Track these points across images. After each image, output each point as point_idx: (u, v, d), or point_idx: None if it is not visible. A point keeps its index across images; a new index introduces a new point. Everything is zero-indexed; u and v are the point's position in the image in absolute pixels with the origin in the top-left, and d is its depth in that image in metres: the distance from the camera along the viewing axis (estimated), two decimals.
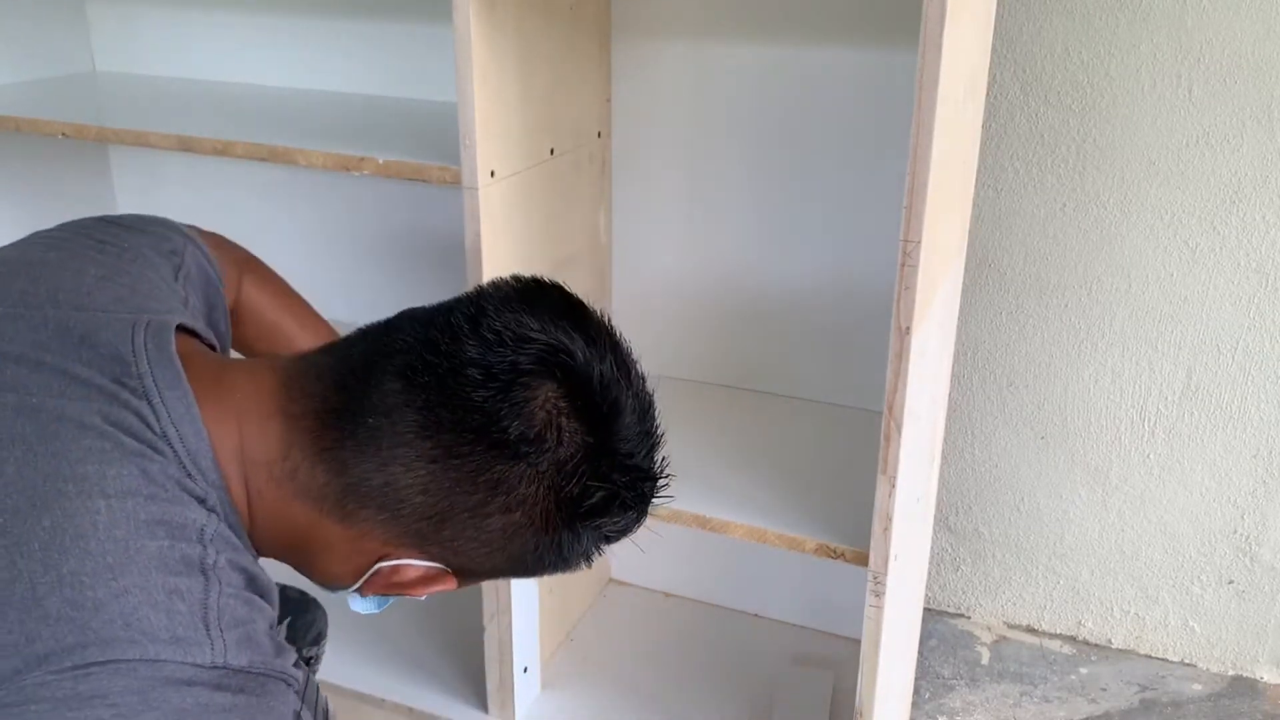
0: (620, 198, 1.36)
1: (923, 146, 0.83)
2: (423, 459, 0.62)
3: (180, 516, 0.60)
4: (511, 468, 0.62)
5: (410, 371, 0.63)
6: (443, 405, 0.62)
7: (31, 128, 1.27)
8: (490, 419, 0.62)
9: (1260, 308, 1.29)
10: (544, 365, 0.63)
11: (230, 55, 1.53)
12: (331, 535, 0.66)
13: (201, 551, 0.60)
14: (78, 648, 0.54)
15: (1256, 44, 1.19)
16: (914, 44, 0.81)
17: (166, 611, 0.57)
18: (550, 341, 0.63)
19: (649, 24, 1.27)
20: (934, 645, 1.51)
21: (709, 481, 1.14)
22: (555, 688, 1.37)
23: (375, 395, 0.63)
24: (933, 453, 1.20)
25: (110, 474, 0.59)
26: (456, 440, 0.62)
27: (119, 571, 0.56)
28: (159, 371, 0.63)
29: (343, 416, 0.64)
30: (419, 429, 0.62)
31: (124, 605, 0.56)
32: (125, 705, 0.54)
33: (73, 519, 0.57)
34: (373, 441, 0.63)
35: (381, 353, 0.65)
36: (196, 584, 0.59)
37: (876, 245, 1.24)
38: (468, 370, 0.62)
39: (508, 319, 0.64)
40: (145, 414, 0.61)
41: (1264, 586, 1.40)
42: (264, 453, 0.64)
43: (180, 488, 0.61)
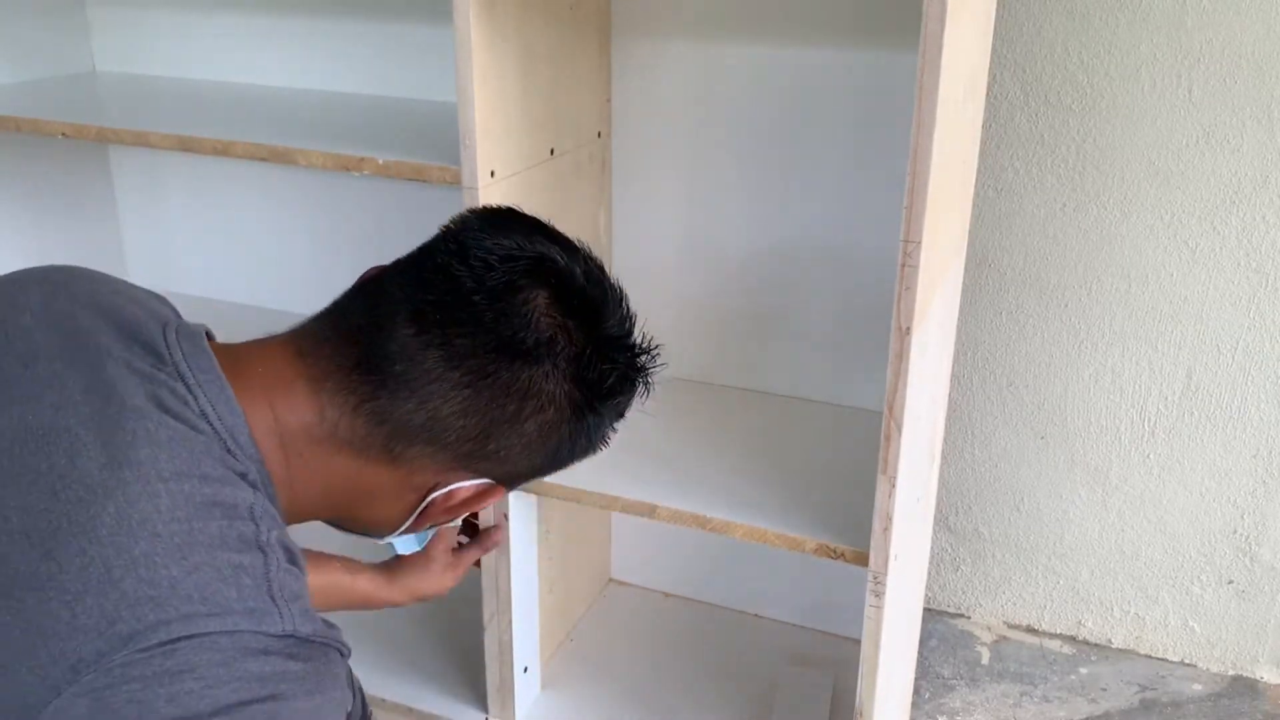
0: (620, 198, 1.36)
1: (923, 146, 0.83)
2: (457, 387, 0.68)
3: (231, 496, 0.63)
4: (536, 371, 0.69)
5: (418, 316, 0.69)
6: (459, 336, 0.68)
7: (31, 128, 1.27)
8: (505, 334, 0.68)
9: (1260, 308, 1.29)
10: (534, 276, 0.69)
11: (230, 55, 1.53)
12: (381, 480, 0.71)
13: (254, 529, 0.63)
14: (161, 625, 0.56)
15: (1256, 44, 1.19)
16: (914, 44, 0.81)
17: (236, 586, 0.60)
18: (534, 254, 0.70)
19: (649, 24, 1.27)
20: (934, 645, 1.51)
21: (709, 481, 1.14)
22: (555, 688, 1.37)
23: (393, 345, 0.68)
24: (933, 453, 1.20)
25: (163, 457, 0.62)
26: (481, 362, 0.68)
27: (187, 551, 0.59)
28: (192, 360, 0.67)
29: (367, 370, 0.69)
30: (445, 362, 0.68)
31: (198, 581, 0.58)
32: (212, 676, 0.56)
33: (135, 504, 0.59)
34: (405, 386, 0.68)
35: (382, 309, 0.70)
36: (257, 560, 0.62)
37: (877, 245, 1.24)
38: (471, 299, 0.68)
39: (489, 245, 0.70)
40: (184, 396, 0.65)
41: (1264, 586, 1.40)
42: (299, 418, 0.69)
43: (225, 466, 0.64)
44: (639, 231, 1.37)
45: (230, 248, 1.65)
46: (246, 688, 0.57)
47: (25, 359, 0.66)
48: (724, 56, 1.25)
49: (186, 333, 0.70)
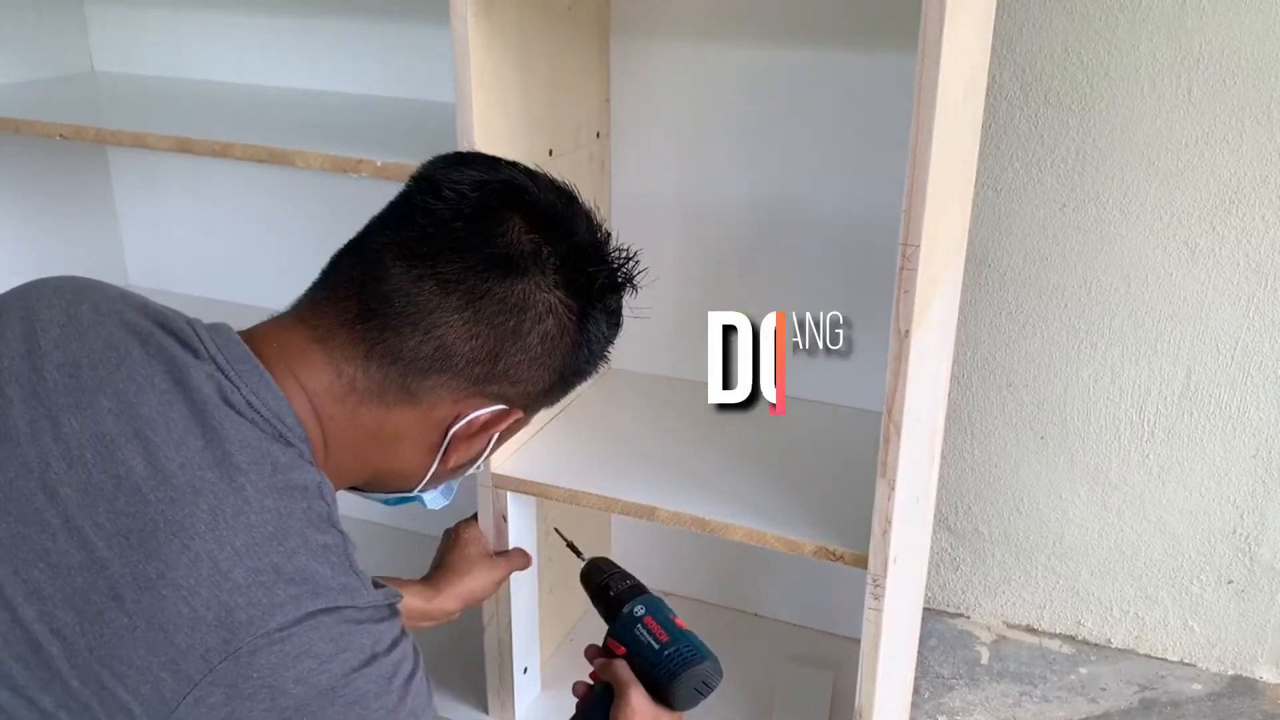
0: (619, 198, 1.36)
1: (922, 147, 0.83)
2: (456, 311, 0.71)
3: (303, 478, 0.67)
4: (527, 282, 0.72)
5: (405, 253, 0.72)
6: (447, 263, 0.71)
7: (30, 129, 1.26)
8: (489, 252, 0.71)
9: (1259, 307, 1.29)
10: (506, 198, 0.73)
11: (230, 55, 1.53)
12: (404, 421, 0.74)
13: (327, 508, 0.68)
14: (275, 608, 0.60)
15: (1256, 44, 1.19)
16: (913, 44, 0.81)
17: (328, 564, 0.64)
18: (502, 179, 0.74)
19: (649, 24, 1.27)
20: (934, 645, 1.51)
21: (709, 483, 1.14)
22: (555, 688, 1.37)
23: (388, 285, 0.71)
24: (932, 453, 1.20)
25: (236, 451, 0.65)
26: (474, 283, 0.71)
27: (282, 536, 0.63)
28: (226, 351, 0.70)
29: (369, 316, 0.71)
30: (440, 291, 0.71)
31: (297, 565, 0.62)
32: (324, 653, 0.61)
33: (226, 499, 0.63)
34: (407, 321, 0.71)
35: (369, 258, 0.73)
36: (336, 538, 0.67)
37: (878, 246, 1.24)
38: (452, 226, 0.71)
39: (458, 177, 0.73)
40: (228, 387, 0.68)
41: (1263, 586, 1.40)
42: (320, 382, 0.71)
43: (287, 449, 0.68)
44: (638, 232, 1.36)
45: (229, 248, 1.65)
46: (353, 656, 0.62)
47: (68, 369, 0.67)
48: (723, 57, 1.25)
49: (212, 326, 0.72)
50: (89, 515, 0.61)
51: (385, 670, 0.64)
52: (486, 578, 1.10)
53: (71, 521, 0.61)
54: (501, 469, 1.16)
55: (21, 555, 0.61)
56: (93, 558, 0.60)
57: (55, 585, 0.60)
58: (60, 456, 0.63)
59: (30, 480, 0.63)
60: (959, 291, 1.21)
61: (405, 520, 1.65)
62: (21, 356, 0.67)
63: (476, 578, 1.08)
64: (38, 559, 0.61)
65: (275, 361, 0.71)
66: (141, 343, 0.69)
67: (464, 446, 0.77)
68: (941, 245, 0.97)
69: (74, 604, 0.60)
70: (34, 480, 0.63)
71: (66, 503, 0.62)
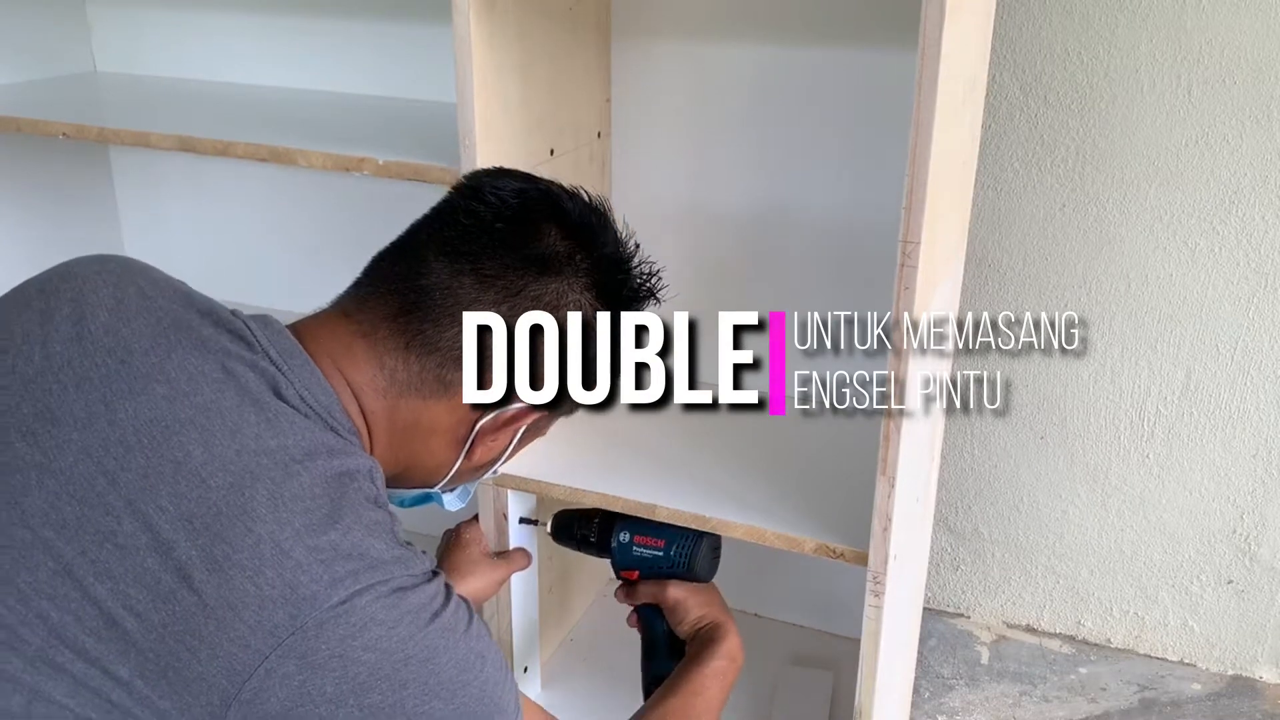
0: (620, 198, 1.36)
1: (922, 146, 0.83)
2: (492, 305, 0.74)
3: (355, 464, 0.70)
4: (560, 283, 0.76)
5: (447, 249, 0.75)
6: (487, 258, 0.75)
7: (32, 128, 1.27)
8: (527, 252, 0.75)
9: (1260, 308, 1.29)
10: (543, 207, 0.77)
11: (230, 55, 1.53)
12: (437, 414, 0.77)
13: (375, 491, 0.71)
14: (336, 582, 0.64)
15: (1256, 44, 1.19)
16: (914, 44, 0.81)
17: (383, 540, 0.67)
18: (541, 189, 0.79)
19: (649, 24, 1.27)
20: (934, 645, 1.51)
21: (709, 481, 1.14)
22: (555, 688, 1.37)
23: (429, 279, 0.75)
24: (933, 453, 1.20)
25: (290, 443, 0.68)
26: (510, 279, 0.74)
27: (337, 516, 0.66)
28: (277, 343, 0.72)
29: (411, 310, 0.75)
30: (478, 284, 0.74)
31: (352, 541, 0.66)
32: (388, 619, 0.65)
33: (281, 485, 0.65)
34: (445, 312, 0.74)
35: (413, 252, 0.77)
36: (386, 517, 0.70)
37: (878, 246, 1.24)
38: (494, 226, 0.75)
39: (499, 184, 0.78)
40: (280, 380, 0.71)
41: (1263, 586, 1.40)
42: (364, 375, 0.75)
43: (338, 438, 0.71)
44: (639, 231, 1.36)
45: (230, 247, 1.65)
46: (416, 618, 0.66)
47: (120, 354, 0.69)
48: (724, 56, 1.25)
49: (259, 318, 0.74)
50: (151, 499, 0.64)
51: (447, 624, 0.68)
52: (488, 578, 1.10)
53: (134, 505, 0.64)
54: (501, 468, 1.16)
55: (88, 536, 0.63)
56: (158, 540, 0.63)
57: (124, 566, 0.62)
58: (117, 442, 0.65)
59: (90, 465, 0.65)
60: (959, 291, 1.21)
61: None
62: (72, 340, 0.69)
63: (478, 578, 1.09)
64: (104, 540, 0.63)
65: (321, 356, 0.74)
66: (191, 331, 0.71)
67: (489, 441, 0.80)
68: (941, 244, 0.98)
69: (145, 583, 0.62)
70: (93, 465, 0.65)
71: (128, 487, 0.64)
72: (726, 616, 1.08)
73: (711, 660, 1.04)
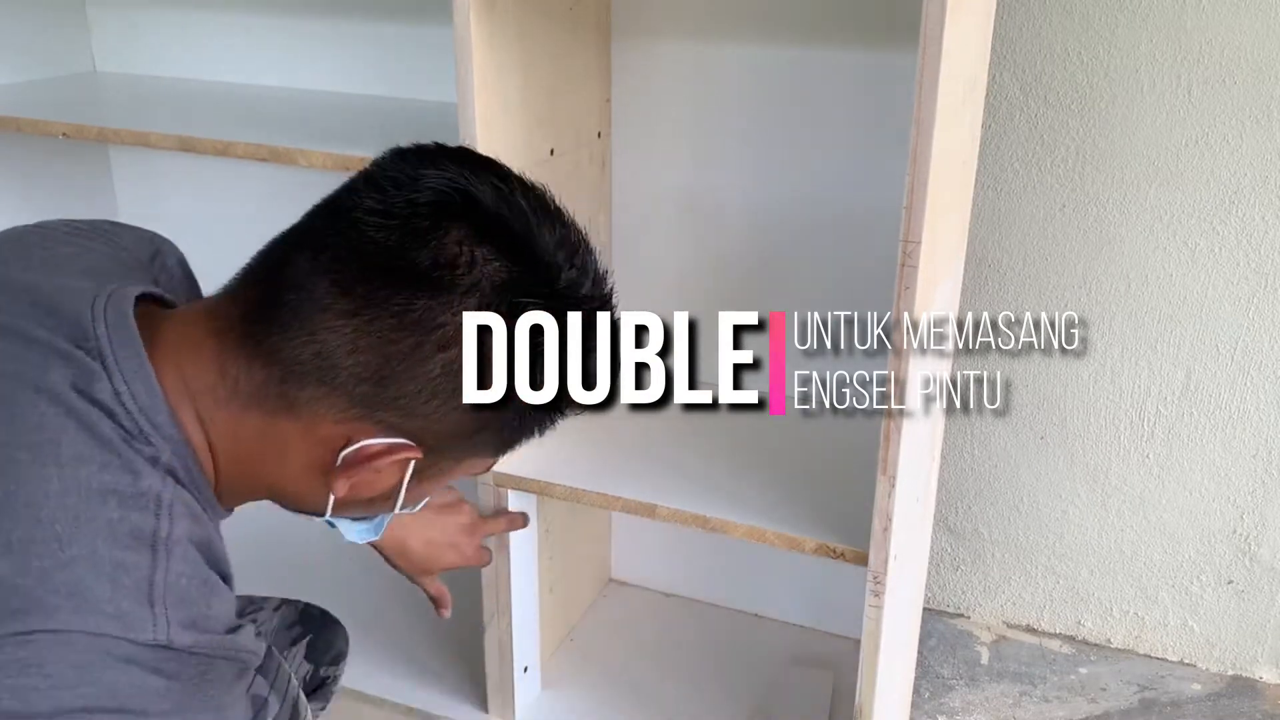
0: (620, 198, 1.36)
1: (923, 146, 0.83)
2: (344, 316, 0.61)
3: (133, 485, 0.60)
4: (433, 300, 0.60)
5: (314, 241, 0.64)
6: (350, 258, 0.61)
7: (32, 128, 1.27)
8: (396, 254, 0.60)
9: (1260, 308, 1.29)
10: (445, 201, 0.61)
11: (230, 55, 1.53)
12: (287, 435, 0.64)
13: (155, 524, 0.59)
14: (21, 613, 0.54)
15: (1256, 44, 1.19)
16: (914, 44, 0.81)
17: (111, 584, 0.56)
18: (450, 178, 0.62)
19: (649, 24, 1.27)
20: (934, 645, 1.51)
21: (709, 481, 1.14)
22: (555, 688, 1.37)
23: (288, 274, 0.63)
24: (933, 453, 1.20)
25: (65, 441, 0.58)
26: (370, 288, 0.60)
27: (66, 541, 0.56)
28: (115, 333, 0.63)
29: (264, 308, 0.63)
30: (335, 289, 0.61)
31: (69, 575, 0.56)
32: (59, 677, 0.54)
33: (25, 486, 0.57)
34: (295, 317, 0.62)
35: (290, 238, 0.66)
36: (143, 559, 0.58)
37: (878, 246, 1.24)
38: (367, 219, 0.61)
39: (403, 167, 0.64)
40: (99, 375, 0.61)
41: (1263, 586, 1.40)
42: (205, 379, 0.64)
43: (135, 451, 0.60)
44: (639, 232, 1.37)
45: (230, 247, 1.64)
46: (95, 695, 0.54)
47: None
48: (724, 56, 1.25)
49: (117, 302, 0.65)
50: None
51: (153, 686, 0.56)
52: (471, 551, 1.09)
53: None
54: (501, 467, 1.16)
55: None
56: None
57: None
58: None
59: None
60: (959, 291, 1.21)
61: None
62: None
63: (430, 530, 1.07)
64: None
65: (168, 354, 0.64)
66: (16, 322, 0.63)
67: (359, 477, 0.65)
68: (942, 244, 0.98)
69: None
70: None
71: None
72: None
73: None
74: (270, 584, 1.14)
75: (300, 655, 1.05)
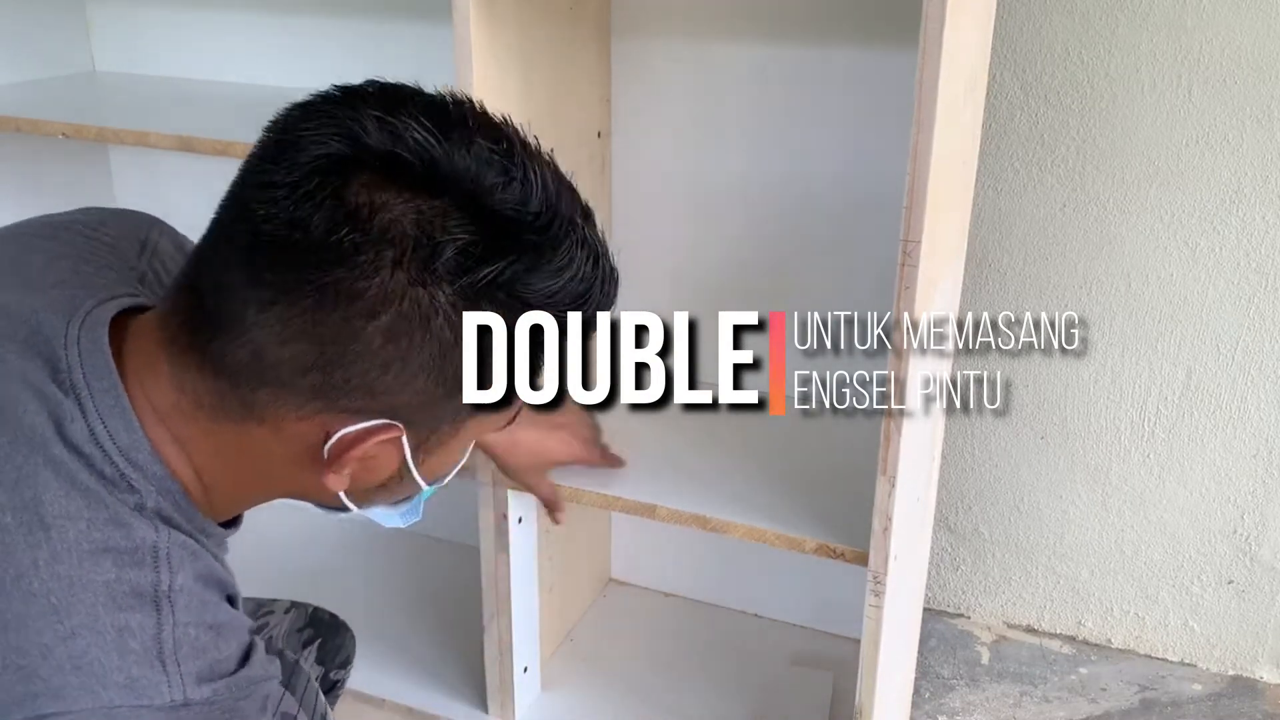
0: (620, 198, 1.36)
1: (923, 146, 0.83)
2: (264, 307, 0.55)
3: (126, 539, 0.56)
4: (347, 268, 0.53)
5: (222, 231, 0.58)
6: (253, 244, 0.55)
7: (31, 128, 1.27)
8: (292, 228, 0.53)
9: (1260, 308, 1.29)
10: (328, 154, 0.54)
11: (230, 55, 1.53)
12: (262, 441, 0.59)
13: (154, 578, 0.56)
14: (28, 699, 0.51)
15: (1256, 44, 1.19)
16: (914, 44, 0.81)
17: (119, 652, 0.53)
18: (331, 126, 0.55)
19: (649, 24, 1.27)
20: (934, 645, 1.51)
21: (709, 481, 1.14)
22: (555, 688, 1.37)
23: (205, 272, 0.58)
24: (933, 453, 1.20)
25: (47, 498, 0.55)
26: (278, 272, 0.54)
27: (64, 613, 0.53)
28: (88, 364, 0.58)
29: (197, 312, 0.58)
30: (248, 281, 0.55)
31: (73, 649, 0.52)
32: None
33: (13, 555, 0.53)
34: (224, 318, 0.56)
35: (207, 233, 0.60)
36: (148, 619, 0.55)
37: (878, 245, 1.24)
38: (256, 196, 0.55)
39: (287, 127, 0.57)
40: (73, 414, 0.57)
41: (1264, 586, 1.40)
42: (167, 397, 0.59)
43: (119, 500, 0.57)
44: (639, 232, 1.37)
45: None
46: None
47: None
48: (724, 56, 1.25)
49: (91, 326, 0.60)
50: None
51: None
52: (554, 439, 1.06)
53: None
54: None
55: None
56: None
57: None
58: None
59: None
60: (959, 291, 1.21)
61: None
62: None
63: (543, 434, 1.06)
64: None
65: (135, 376, 0.59)
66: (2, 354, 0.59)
67: (353, 467, 0.60)
68: (942, 243, 0.98)
69: None
70: None
71: None
72: None
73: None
74: (268, 584, 1.14)
75: (312, 658, 1.05)
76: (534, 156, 0.57)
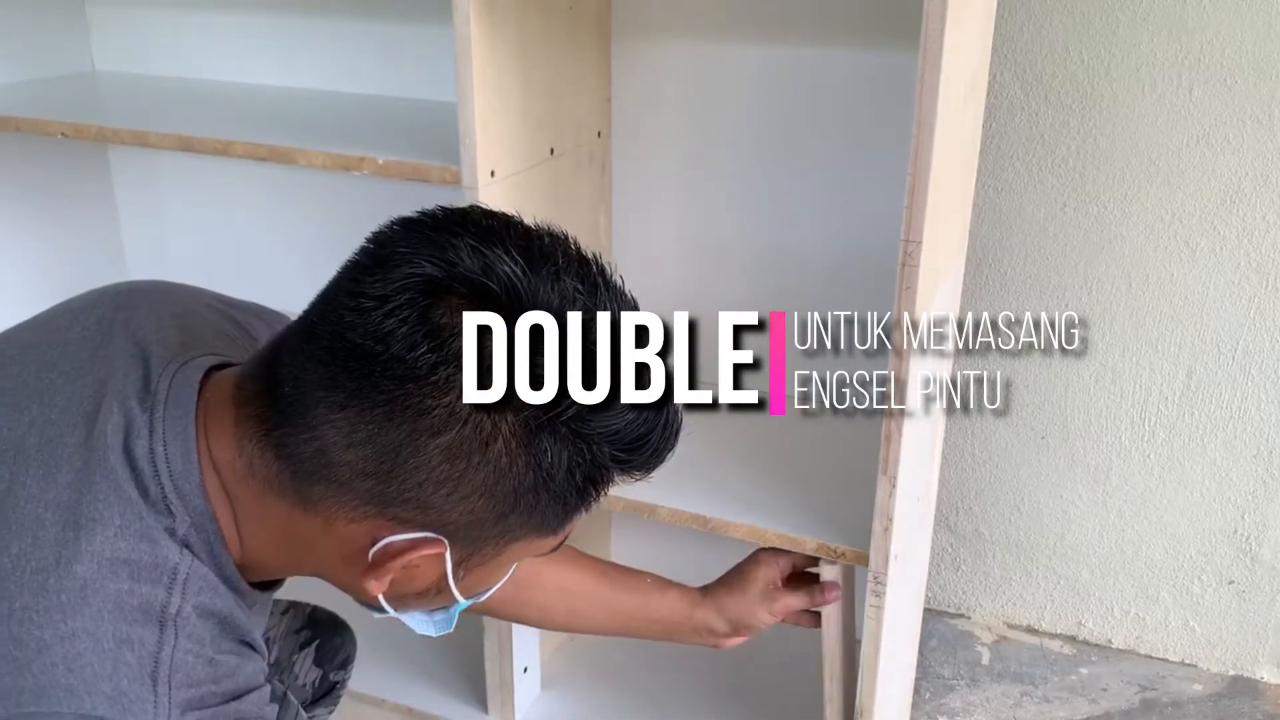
0: (620, 198, 1.36)
1: (923, 146, 0.83)
2: (336, 409, 0.56)
3: (150, 555, 0.57)
4: (419, 384, 0.55)
5: (307, 327, 0.59)
6: (336, 347, 0.56)
7: (31, 128, 1.27)
8: (375, 339, 0.55)
9: (1260, 308, 1.29)
10: (420, 275, 0.56)
11: (230, 55, 1.53)
12: (310, 530, 0.61)
13: (165, 598, 0.57)
14: (13, 692, 0.52)
15: (1256, 44, 1.19)
16: (914, 44, 0.81)
17: (113, 662, 0.54)
18: (428, 247, 0.57)
19: (649, 24, 1.27)
20: (934, 645, 1.51)
21: (709, 481, 1.14)
22: (555, 688, 1.37)
23: (285, 361, 0.59)
24: (933, 453, 1.20)
25: (87, 500, 0.57)
26: (355, 378, 0.56)
27: (69, 612, 0.54)
28: (172, 394, 0.61)
29: (269, 395, 0.60)
30: (325, 381, 0.57)
31: (69, 650, 0.53)
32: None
33: (39, 549, 0.55)
34: (295, 410, 0.58)
35: (295, 323, 0.62)
36: (150, 635, 0.56)
37: (878, 245, 1.24)
38: (346, 303, 0.57)
39: (385, 241, 0.59)
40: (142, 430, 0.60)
41: (1264, 587, 1.40)
42: (223, 452, 0.61)
43: (154, 518, 0.58)
44: (638, 232, 1.36)
45: (230, 247, 1.65)
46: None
47: (42, 368, 0.63)
48: (724, 56, 1.25)
49: (189, 369, 0.63)
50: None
51: None
52: (757, 608, 1.02)
53: None
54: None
55: None
56: None
57: None
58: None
59: None
60: (959, 291, 1.21)
61: None
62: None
63: (748, 600, 1.02)
64: None
65: (200, 421, 0.61)
66: (112, 368, 0.63)
67: (397, 573, 0.61)
68: (943, 243, 0.98)
69: None
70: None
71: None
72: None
73: (671, 590, 0.99)
74: None
75: (309, 660, 1.05)
76: (617, 297, 0.61)
